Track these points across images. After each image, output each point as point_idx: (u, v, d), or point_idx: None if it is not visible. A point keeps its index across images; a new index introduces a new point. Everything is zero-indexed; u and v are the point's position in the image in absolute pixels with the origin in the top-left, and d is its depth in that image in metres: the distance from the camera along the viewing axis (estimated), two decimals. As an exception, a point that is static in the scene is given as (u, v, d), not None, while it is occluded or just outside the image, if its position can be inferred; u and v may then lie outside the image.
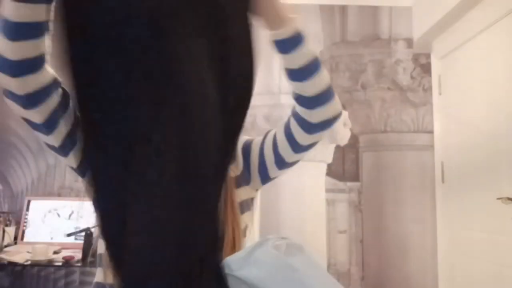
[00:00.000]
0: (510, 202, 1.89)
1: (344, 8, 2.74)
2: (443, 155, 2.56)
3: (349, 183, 2.65)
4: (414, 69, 2.69)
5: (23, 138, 2.64)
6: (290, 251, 0.64)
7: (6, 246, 2.29)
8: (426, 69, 2.69)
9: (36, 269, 2.39)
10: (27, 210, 2.45)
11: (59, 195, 2.57)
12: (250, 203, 0.91)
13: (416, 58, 2.70)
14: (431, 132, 2.65)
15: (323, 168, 2.65)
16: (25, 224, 2.42)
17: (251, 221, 0.90)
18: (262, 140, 0.89)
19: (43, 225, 2.42)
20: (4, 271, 2.25)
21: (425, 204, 2.61)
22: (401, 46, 2.71)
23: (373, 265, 2.60)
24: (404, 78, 2.68)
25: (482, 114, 2.14)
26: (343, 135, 2.67)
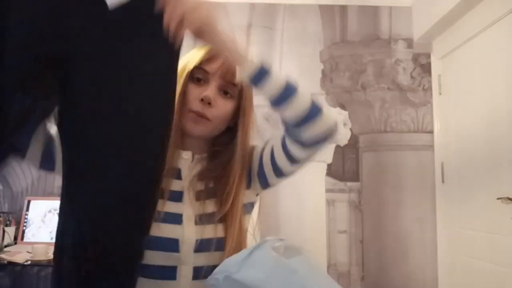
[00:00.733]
0: (510, 202, 1.89)
1: (344, 8, 2.74)
2: (443, 155, 2.56)
3: (349, 183, 2.65)
4: (414, 69, 2.69)
5: (23, 138, 2.64)
6: (289, 253, 0.64)
7: (6, 246, 2.29)
8: (426, 69, 2.69)
9: (36, 269, 2.39)
10: (27, 210, 2.45)
11: (59, 195, 2.56)
12: (250, 208, 0.92)
13: (416, 58, 2.70)
14: (431, 132, 2.65)
15: (323, 168, 2.65)
16: (25, 224, 2.42)
17: (249, 225, 0.91)
18: (262, 148, 0.90)
19: (43, 225, 2.42)
20: (4, 271, 2.25)
21: (425, 204, 2.60)
22: (401, 46, 2.70)
23: (373, 265, 2.60)
24: (404, 78, 2.68)
25: (482, 114, 2.14)
26: (343, 135, 2.67)
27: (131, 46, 0.63)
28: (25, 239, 2.39)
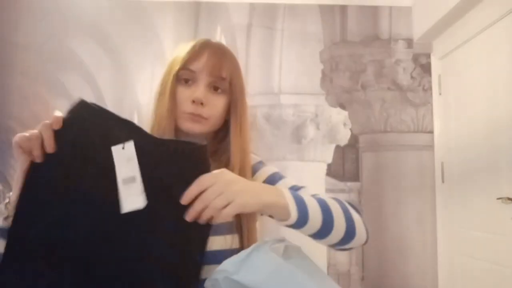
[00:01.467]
0: (510, 202, 1.89)
1: (344, 8, 2.74)
2: (443, 155, 2.56)
3: (349, 183, 2.65)
4: (414, 69, 2.69)
5: (23, 138, 2.64)
6: (288, 254, 0.64)
7: (6, 246, 2.29)
8: (426, 69, 2.69)
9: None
10: (27, 210, 2.45)
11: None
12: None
13: (416, 58, 2.69)
14: (431, 132, 2.65)
15: (323, 168, 2.65)
16: (25, 224, 2.42)
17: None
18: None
19: (43, 225, 2.42)
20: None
21: (425, 204, 2.61)
22: (401, 46, 2.70)
23: (373, 265, 2.60)
24: (404, 78, 2.68)
25: (482, 114, 2.14)
26: (343, 135, 2.67)
27: None
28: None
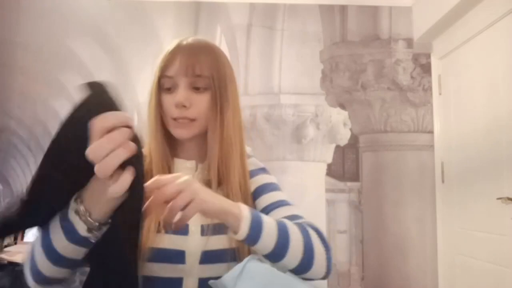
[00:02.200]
0: (510, 202, 1.89)
1: (344, 8, 2.74)
2: (443, 155, 2.56)
3: (349, 183, 2.65)
4: (414, 69, 2.69)
5: (23, 138, 2.64)
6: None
7: (6, 246, 2.28)
8: (426, 69, 2.69)
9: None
10: (27, 210, 2.45)
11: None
12: None
13: (416, 58, 2.70)
14: (431, 132, 2.65)
15: (323, 168, 2.65)
16: (25, 224, 2.42)
17: None
18: (276, 206, 0.93)
19: (43, 225, 2.42)
20: (4, 271, 2.25)
21: (425, 204, 2.61)
22: (401, 46, 2.71)
23: (373, 265, 2.60)
24: (404, 78, 2.68)
25: (482, 114, 2.14)
26: (343, 135, 2.67)
27: None
28: (25, 239, 2.39)
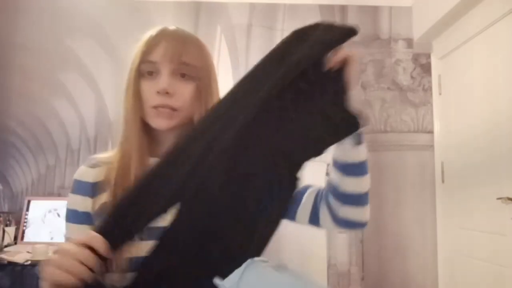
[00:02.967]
0: (510, 202, 1.89)
1: (344, 8, 2.74)
2: (443, 155, 2.56)
3: (349, 183, 2.65)
4: (414, 69, 2.69)
5: (23, 138, 2.64)
6: (281, 268, 0.65)
7: (6, 246, 2.29)
8: (426, 69, 2.69)
9: (36, 269, 2.39)
10: (27, 210, 2.45)
11: (59, 195, 2.57)
12: None
13: (416, 58, 2.70)
14: (431, 132, 2.65)
15: (323, 168, 2.65)
16: (25, 224, 2.42)
17: None
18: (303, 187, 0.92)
19: (43, 225, 2.42)
20: (4, 271, 2.25)
21: (425, 204, 2.61)
22: (401, 46, 2.70)
23: (373, 265, 2.60)
24: (404, 78, 2.68)
25: (482, 114, 2.14)
26: (343, 135, 2.67)
27: None
28: (25, 239, 2.39)
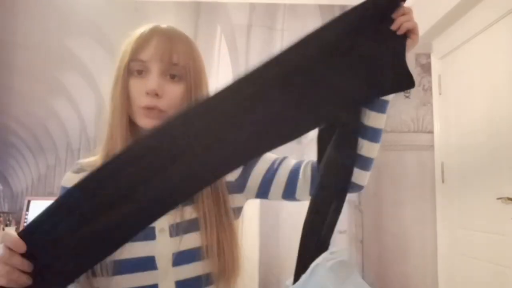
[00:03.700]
0: (510, 202, 1.89)
1: (344, 8, 2.71)
2: (443, 155, 2.56)
3: (349, 183, 2.65)
4: (414, 69, 2.69)
5: (23, 138, 2.64)
6: (344, 272, 0.64)
7: (6, 246, 2.28)
8: (426, 69, 2.69)
9: (36, 269, 2.39)
10: (27, 210, 2.45)
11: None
12: (238, 212, 0.86)
13: (416, 58, 2.69)
14: (431, 132, 2.65)
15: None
16: (25, 224, 2.42)
17: (239, 230, 0.86)
18: (279, 161, 0.87)
19: (43, 225, 2.42)
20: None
21: (425, 204, 2.60)
22: (401, 46, 2.70)
23: (373, 265, 2.60)
24: (404, 78, 2.67)
25: (482, 114, 2.14)
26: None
27: None
28: (25, 239, 2.39)
